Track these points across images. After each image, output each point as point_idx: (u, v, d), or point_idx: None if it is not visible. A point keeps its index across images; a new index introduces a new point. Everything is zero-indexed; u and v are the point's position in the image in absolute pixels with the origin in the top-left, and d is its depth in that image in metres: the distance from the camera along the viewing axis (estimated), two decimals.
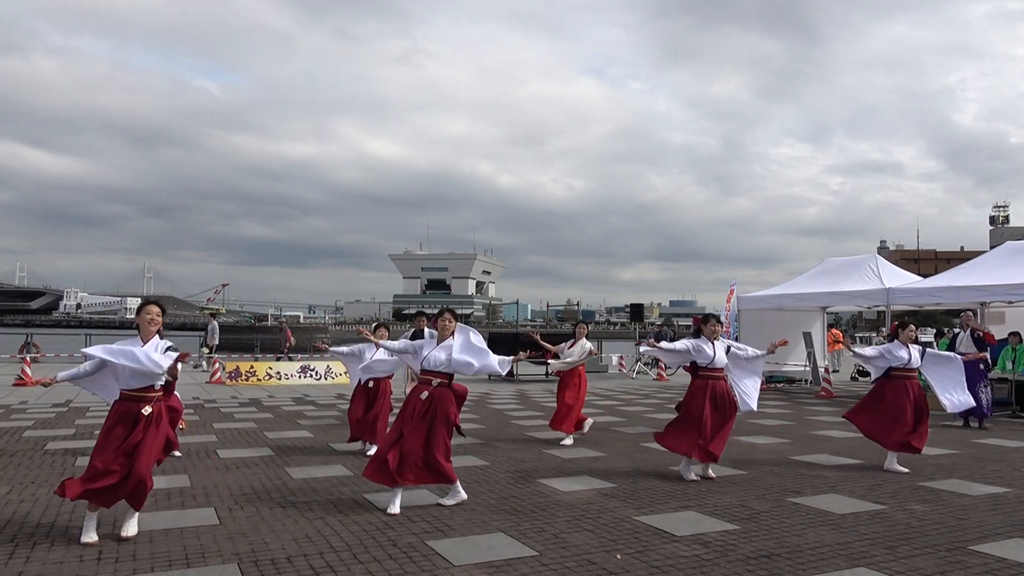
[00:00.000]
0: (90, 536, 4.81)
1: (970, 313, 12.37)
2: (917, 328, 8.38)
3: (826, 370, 17.62)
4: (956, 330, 13.14)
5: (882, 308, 16.25)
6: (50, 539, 4.88)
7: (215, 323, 23.27)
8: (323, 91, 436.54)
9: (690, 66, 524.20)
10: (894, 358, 7.74)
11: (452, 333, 6.11)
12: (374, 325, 9.51)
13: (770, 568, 4.43)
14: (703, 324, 7.45)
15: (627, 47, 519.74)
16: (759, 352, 7.50)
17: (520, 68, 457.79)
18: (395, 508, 5.64)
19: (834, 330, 25.24)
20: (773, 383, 18.62)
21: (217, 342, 22.58)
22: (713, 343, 7.23)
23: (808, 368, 18.72)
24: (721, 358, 7.20)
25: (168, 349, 5.04)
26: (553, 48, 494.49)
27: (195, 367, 21.47)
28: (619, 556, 4.63)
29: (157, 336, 5.08)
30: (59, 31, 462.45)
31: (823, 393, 16.30)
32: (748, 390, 7.40)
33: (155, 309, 5.14)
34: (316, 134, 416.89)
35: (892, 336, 8.27)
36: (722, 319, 21.61)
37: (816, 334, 19.23)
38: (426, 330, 11.37)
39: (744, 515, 5.67)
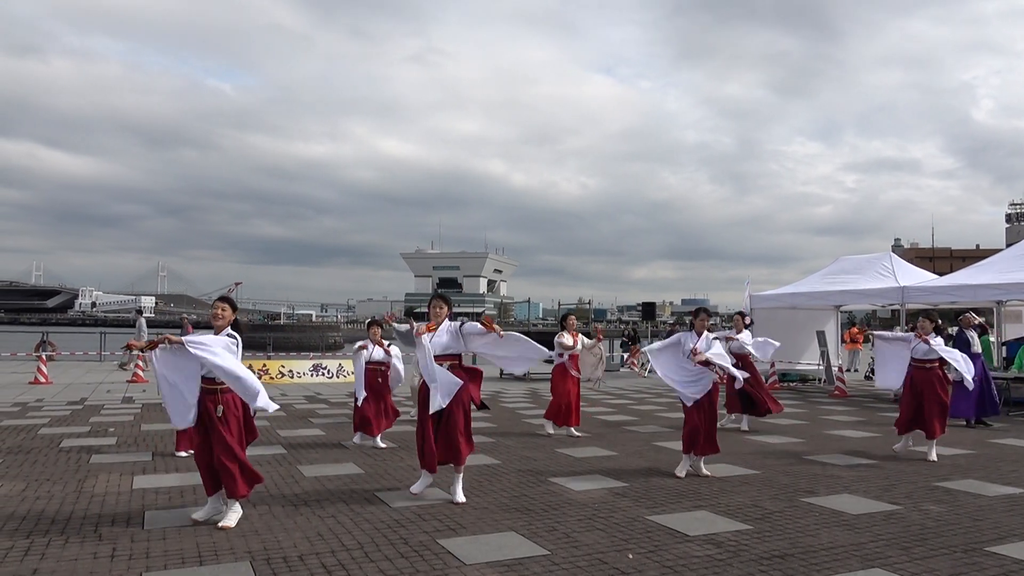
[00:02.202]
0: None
1: (971, 315, 12.34)
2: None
3: (840, 369, 17.49)
4: (952, 331, 13.15)
5: (897, 307, 16.12)
6: (64, 536, 4.92)
7: (143, 319, 21.79)
8: (337, 90, 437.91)
9: (705, 64, 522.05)
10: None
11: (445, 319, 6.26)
12: (368, 322, 9.68)
13: (783, 569, 4.39)
14: (694, 318, 7.46)
15: (642, 45, 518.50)
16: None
17: (534, 67, 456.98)
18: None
19: (855, 328, 25.00)
20: (786, 382, 18.52)
21: (146, 339, 21.80)
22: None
23: (821, 367, 18.61)
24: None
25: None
26: (567, 47, 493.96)
27: (122, 366, 21.05)
28: (631, 556, 4.61)
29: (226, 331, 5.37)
30: (75, 32, 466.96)
31: (837, 392, 16.19)
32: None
33: (219, 304, 5.40)
34: (330, 134, 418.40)
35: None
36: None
37: (830, 333, 19.11)
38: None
39: (757, 515, 5.63)
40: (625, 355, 24.94)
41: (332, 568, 4.33)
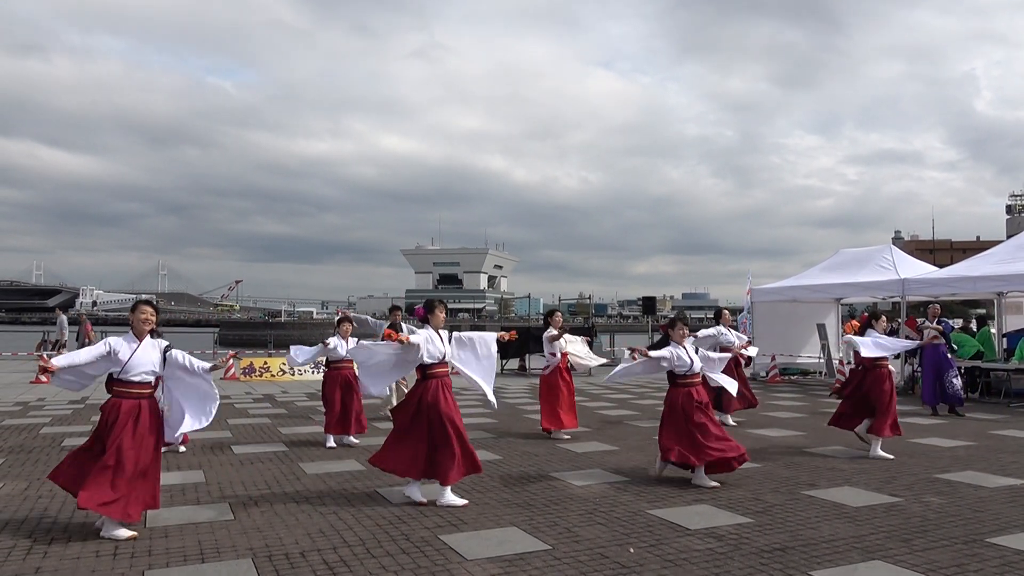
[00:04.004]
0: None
1: (936, 306, 12.42)
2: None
3: (840, 362, 17.49)
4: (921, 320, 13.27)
5: (897, 299, 16.12)
6: (67, 535, 4.93)
7: (63, 317, 20.62)
8: (338, 87, 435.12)
9: (709, 57, 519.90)
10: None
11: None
12: (337, 319, 9.68)
13: (784, 561, 4.40)
14: (670, 329, 7.06)
15: (645, 39, 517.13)
16: (723, 355, 7.63)
17: (537, 61, 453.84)
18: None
19: (854, 321, 25.00)
20: (787, 375, 18.53)
21: (66, 338, 20.14)
22: (685, 348, 6.87)
23: (822, 360, 18.62)
24: (697, 362, 6.85)
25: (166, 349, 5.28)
26: (571, 41, 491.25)
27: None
28: (632, 550, 4.62)
29: (149, 335, 5.25)
30: (76, 31, 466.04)
31: (837, 385, 16.19)
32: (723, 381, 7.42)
33: (149, 309, 5.28)
34: (331, 131, 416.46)
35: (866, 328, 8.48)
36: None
37: (830, 326, 19.11)
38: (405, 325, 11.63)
39: (758, 508, 5.64)
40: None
41: (334, 564, 4.34)
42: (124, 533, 4.83)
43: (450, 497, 5.73)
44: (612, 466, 7.29)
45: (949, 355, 11.85)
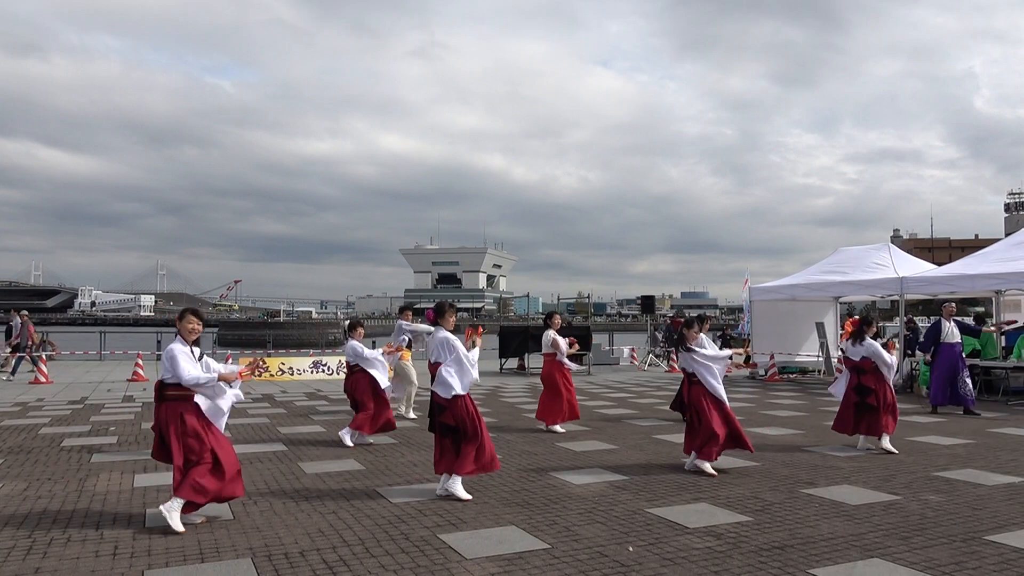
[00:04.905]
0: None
1: (952, 305, 12.38)
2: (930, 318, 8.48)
3: (839, 360, 17.51)
4: (932, 319, 13.32)
5: (895, 297, 16.15)
6: (66, 534, 4.93)
7: (18, 318, 18.90)
8: (338, 86, 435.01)
9: (709, 55, 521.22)
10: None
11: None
12: (348, 323, 9.71)
13: (783, 559, 4.41)
14: (687, 328, 7.19)
15: (644, 37, 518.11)
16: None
17: (536, 60, 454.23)
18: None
19: (853, 319, 25.05)
20: (786, 374, 18.55)
21: (20, 340, 18.62)
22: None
23: (821, 358, 18.65)
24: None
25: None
26: (570, 39, 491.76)
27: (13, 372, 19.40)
28: (631, 548, 4.62)
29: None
30: (75, 30, 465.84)
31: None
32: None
33: (196, 318, 5.37)
34: (331, 130, 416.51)
35: (859, 335, 8.48)
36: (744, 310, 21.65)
37: (829, 324, 19.14)
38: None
39: (757, 507, 5.65)
40: None
41: (333, 564, 4.35)
42: (195, 518, 5.17)
43: (459, 488, 5.85)
44: (611, 465, 7.29)
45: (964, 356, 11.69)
